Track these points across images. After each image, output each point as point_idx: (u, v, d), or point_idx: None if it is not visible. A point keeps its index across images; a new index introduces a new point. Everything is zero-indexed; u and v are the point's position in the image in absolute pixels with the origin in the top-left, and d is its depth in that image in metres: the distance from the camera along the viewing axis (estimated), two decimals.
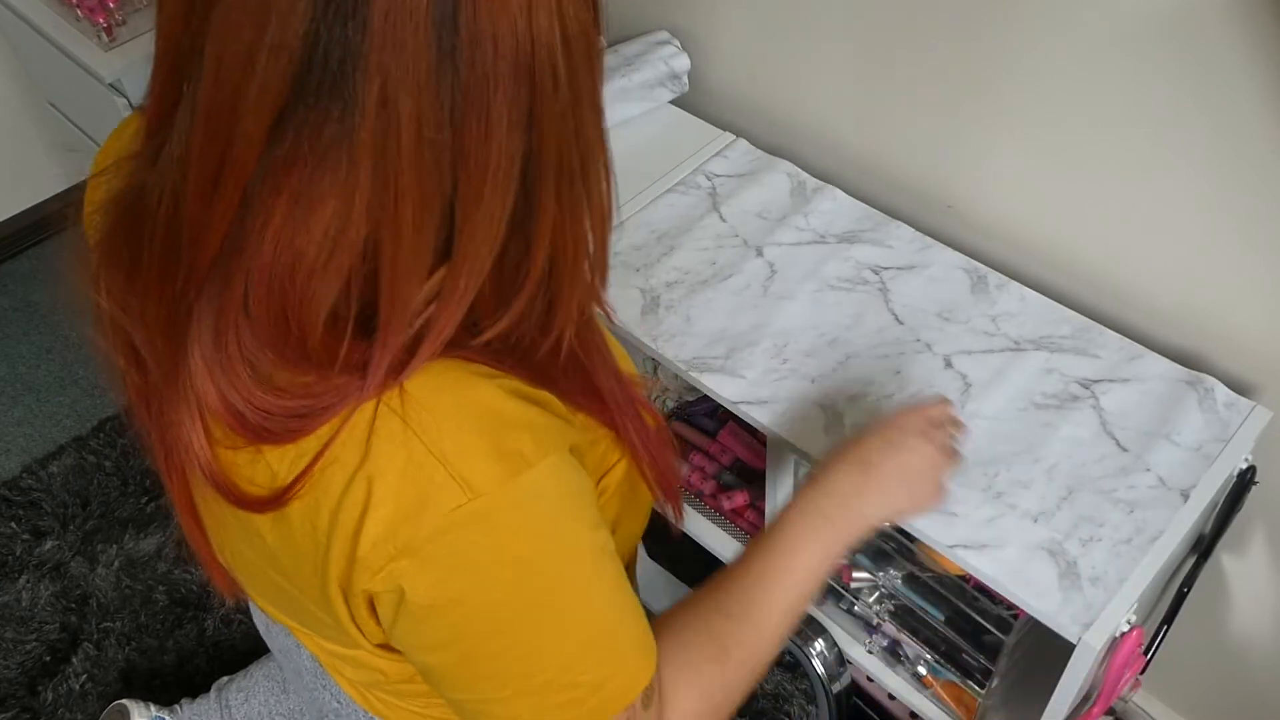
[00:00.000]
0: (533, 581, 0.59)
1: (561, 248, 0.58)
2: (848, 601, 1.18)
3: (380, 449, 0.55)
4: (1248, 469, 0.98)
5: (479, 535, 0.56)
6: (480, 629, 0.59)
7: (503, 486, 0.56)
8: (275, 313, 0.53)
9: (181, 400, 0.55)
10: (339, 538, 0.56)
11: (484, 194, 0.53)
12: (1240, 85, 0.88)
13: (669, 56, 1.37)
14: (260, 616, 0.97)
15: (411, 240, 0.52)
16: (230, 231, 0.52)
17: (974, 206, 1.17)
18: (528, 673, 0.60)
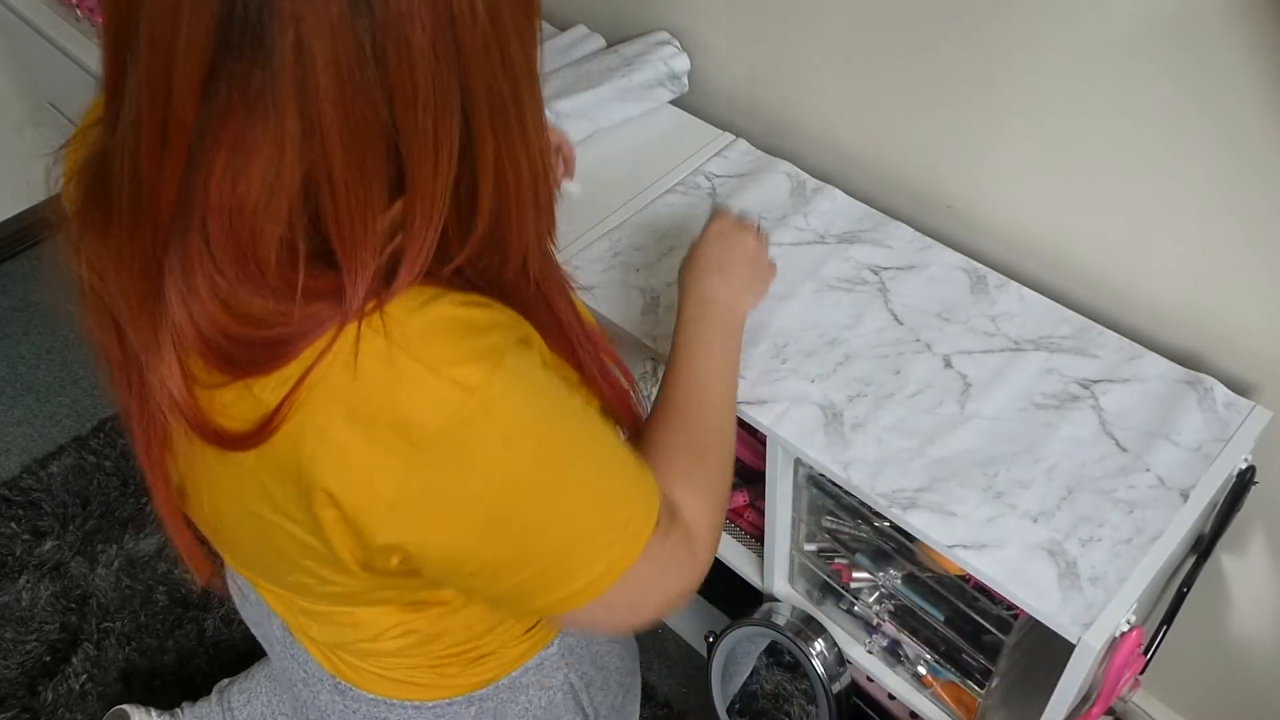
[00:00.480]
0: (540, 452, 0.63)
1: (504, 177, 0.61)
2: (848, 601, 1.18)
3: (369, 366, 0.58)
4: (1247, 469, 0.98)
5: (484, 425, 0.59)
6: (507, 512, 0.62)
7: (490, 379, 0.59)
8: (234, 254, 0.56)
9: (160, 345, 0.58)
10: (339, 457, 0.59)
11: (421, 127, 0.56)
12: (1240, 85, 0.88)
13: (668, 57, 1.37)
14: (237, 587, 0.98)
15: (350, 176, 0.55)
16: (181, 186, 0.55)
17: (974, 206, 1.17)
18: (556, 539, 0.64)
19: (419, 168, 0.57)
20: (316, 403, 0.58)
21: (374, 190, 0.56)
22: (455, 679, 0.85)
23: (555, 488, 0.64)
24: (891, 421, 1.01)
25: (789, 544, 1.18)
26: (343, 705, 0.88)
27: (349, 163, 0.55)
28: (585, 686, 0.93)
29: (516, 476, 0.62)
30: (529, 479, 0.62)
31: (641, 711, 1.60)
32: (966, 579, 1.02)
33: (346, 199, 0.56)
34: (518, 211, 0.63)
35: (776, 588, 1.24)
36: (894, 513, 0.95)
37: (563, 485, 0.64)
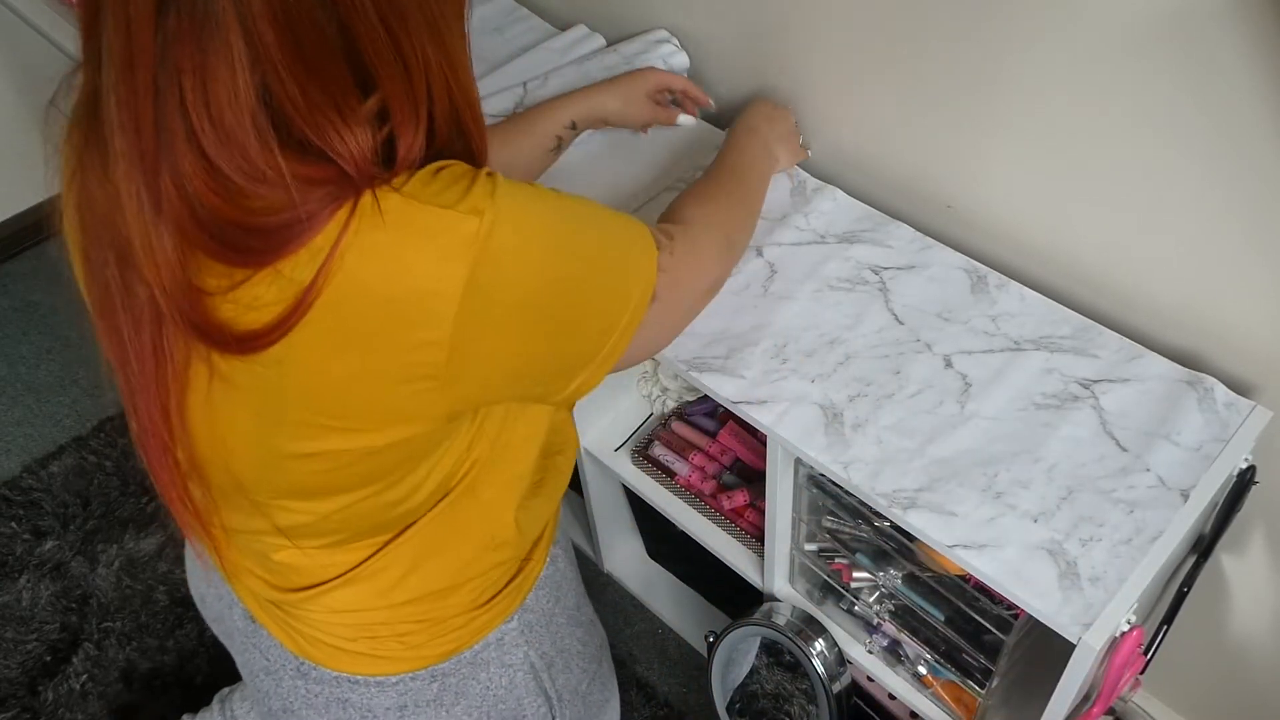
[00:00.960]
0: (559, 233, 0.70)
1: (455, 88, 0.68)
2: (848, 601, 1.18)
3: (395, 220, 0.63)
4: (1247, 469, 0.98)
5: (506, 233, 0.65)
6: (562, 285, 0.70)
7: (496, 197, 0.65)
8: (227, 162, 0.61)
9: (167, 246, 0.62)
10: (390, 311, 0.63)
11: (372, 29, 0.61)
12: (1240, 85, 0.88)
13: (668, 55, 1.37)
14: (197, 585, 1.00)
15: (304, 83, 0.60)
16: (156, 112, 0.59)
17: (974, 206, 1.17)
18: (590, 311, 0.73)
19: (384, 68, 0.63)
20: (352, 269, 0.62)
21: (334, 87, 0.62)
22: (419, 649, 0.86)
23: (587, 259, 0.72)
24: (891, 421, 1.01)
25: (789, 544, 1.18)
26: (305, 689, 0.88)
27: (298, 72, 0.60)
28: (546, 667, 0.94)
29: (545, 265, 0.68)
30: (557, 263, 0.69)
31: (642, 711, 1.60)
32: (966, 579, 1.02)
33: (306, 104, 0.61)
34: (473, 121, 0.70)
35: (777, 588, 1.24)
36: (894, 513, 0.95)
37: (584, 254, 0.72)
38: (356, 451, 0.69)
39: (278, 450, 0.70)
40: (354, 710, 0.88)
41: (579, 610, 1.00)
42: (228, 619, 0.95)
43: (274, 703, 0.93)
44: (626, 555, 1.72)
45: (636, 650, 1.68)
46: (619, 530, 1.68)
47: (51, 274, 2.33)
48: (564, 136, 1.20)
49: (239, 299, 0.64)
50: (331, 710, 0.88)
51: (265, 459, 0.71)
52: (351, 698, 0.87)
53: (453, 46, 0.68)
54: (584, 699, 1.00)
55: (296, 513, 0.75)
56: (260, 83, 0.59)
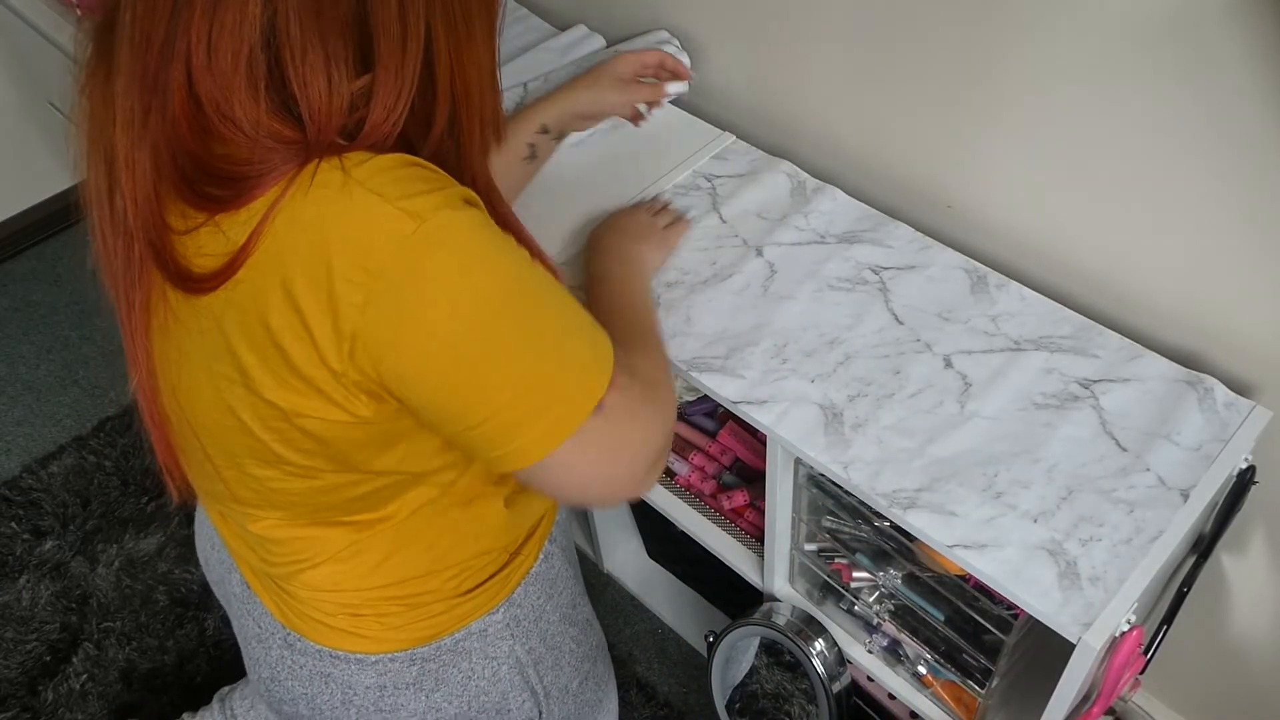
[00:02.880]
0: (499, 282, 0.66)
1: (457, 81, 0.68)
2: (848, 601, 1.18)
3: (325, 195, 0.62)
4: (1247, 469, 0.98)
5: (439, 251, 0.63)
6: (469, 334, 0.65)
7: (445, 213, 0.63)
8: (211, 93, 0.62)
9: (140, 170, 0.64)
10: (308, 290, 0.63)
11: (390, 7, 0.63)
12: (1241, 85, 0.88)
13: None
14: (203, 547, 1.01)
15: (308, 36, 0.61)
16: (167, 29, 0.61)
17: (974, 206, 1.17)
18: (521, 368, 0.67)
19: (385, 42, 0.64)
20: (280, 234, 0.63)
21: (335, 48, 0.62)
22: (399, 631, 0.86)
23: (515, 324, 0.67)
24: (891, 421, 1.01)
25: (789, 544, 1.18)
26: (291, 660, 0.90)
27: (305, 21, 0.61)
28: (534, 663, 0.94)
29: (475, 308, 0.64)
30: (488, 312, 0.65)
31: (642, 711, 1.60)
32: (966, 579, 1.02)
33: (303, 54, 0.62)
34: (467, 119, 0.70)
35: (777, 587, 1.24)
36: (894, 513, 0.95)
37: (523, 322, 0.67)
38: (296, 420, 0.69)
39: (227, 408, 0.71)
40: (335, 685, 0.89)
41: (574, 609, 1.00)
42: (227, 583, 0.97)
43: (263, 670, 0.94)
44: (626, 555, 1.72)
45: (636, 650, 1.68)
46: (619, 530, 1.68)
47: (51, 274, 2.33)
48: (537, 144, 1.17)
49: (188, 243, 0.66)
50: (314, 683, 0.89)
51: (217, 418, 0.72)
52: (333, 673, 0.88)
53: (471, 41, 0.68)
54: (575, 697, 1.00)
55: (251, 481, 0.76)
56: (268, 23, 0.61)
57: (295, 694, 0.91)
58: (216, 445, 0.75)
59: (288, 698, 0.92)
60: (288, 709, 0.94)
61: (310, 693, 0.90)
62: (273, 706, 0.97)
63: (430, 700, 0.89)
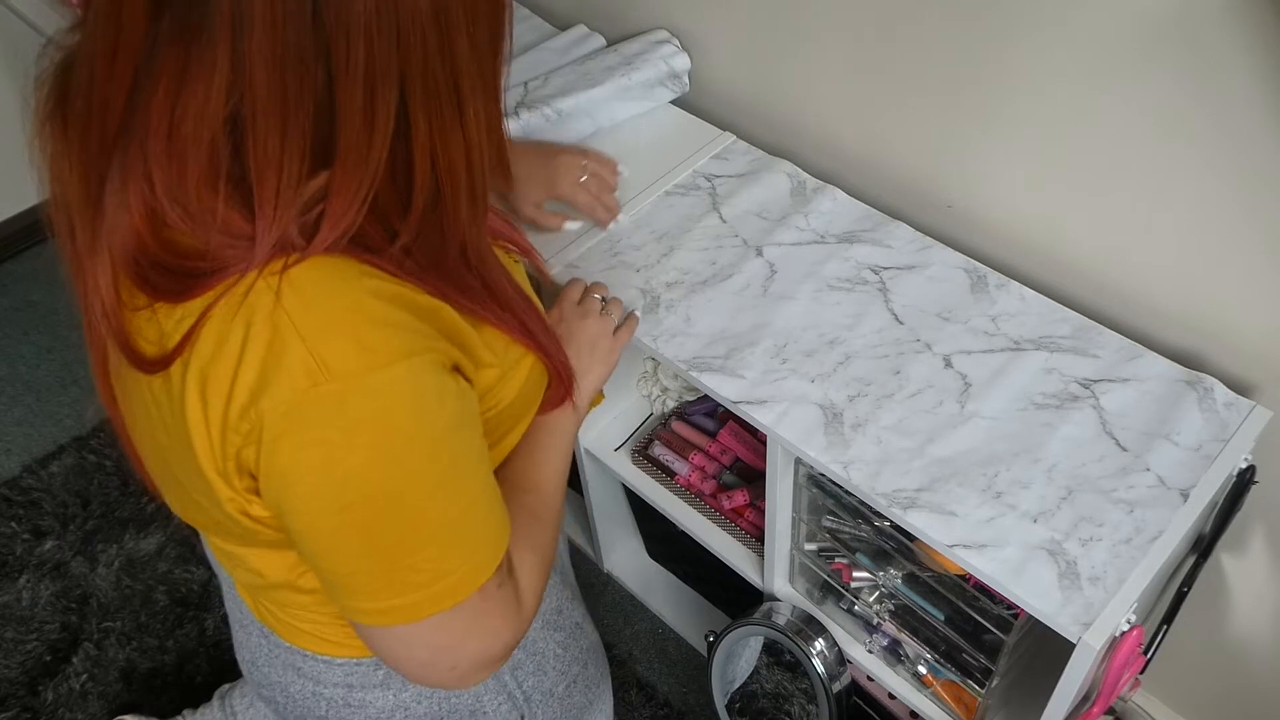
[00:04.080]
0: (381, 469, 0.63)
1: (439, 162, 0.63)
2: (848, 601, 1.18)
3: (251, 319, 0.60)
4: (1247, 469, 0.98)
5: (331, 414, 0.60)
6: (326, 505, 0.63)
7: (358, 374, 0.60)
8: (165, 175, 0.59)
9: (98, 257, 0.61)
10: (213, 398, 0.61)
11: (354, 95, 0.58)
12: (1241, 84, 0.88)
13: (668, 55, 1.37)
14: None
15: (270, 125, 0.57)
16: (127, 102, 0.58)
17: (974, 206, 1.17)
18: (370, 554, 0.65)
19: (349, 134, 0.59)
20: (202, 344, 0.61)
21: (294, 141, 0.58)
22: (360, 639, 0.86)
23: (370, 512, 0.63)
24: (891, 421, 1.01)
25: (789, 544, 1.18)
26: (267, 649, 0.91)
27: (271, 111, 0.57)
28: (511, 669, 0.94)
29: (349, 482, 0.62)
30: (362, 490, 0.62)
31: (642, 711, 1.60)
32: (966, 578, 1.02)
33: (265, 145, 0.58)
34: (452, 197, 0.65)
35: (777, 587, 1.24)
36: (894, 512, 0.95)
37: (398, 511, 0.64)
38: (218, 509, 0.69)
39: (166, 462, 0.70)
40: (305, 679, 0.89)
41: (559, 615, 1.00)
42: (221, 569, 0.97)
43: (245, 653, 0.96)
44: (626, 555, 1.72)
45: (636, 650, 1.68)
46: (619, 530, 1.68)
47: (51, 274, 2.33)
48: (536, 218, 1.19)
49: (132, 320, 0.64)
50: (287, 674, 0.90)
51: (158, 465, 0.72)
52: (303, 667, 0.88)
53: (459, 118, 0.63)
54: (561, 701, 1.00)
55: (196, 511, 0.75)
56: (232, 109, 0.57)
57: (271, 681, 0.92)
58: (165, 484, 0.76)
59: (266, 683, 0.93)
60: (266, 693, 0.95)
61: (284, 681, 0.91)
62: (256, 690, 0.98)
63: (399, 699, 0.89)
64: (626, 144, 1.34)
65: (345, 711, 0.90)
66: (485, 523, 0.70)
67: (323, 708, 0.90)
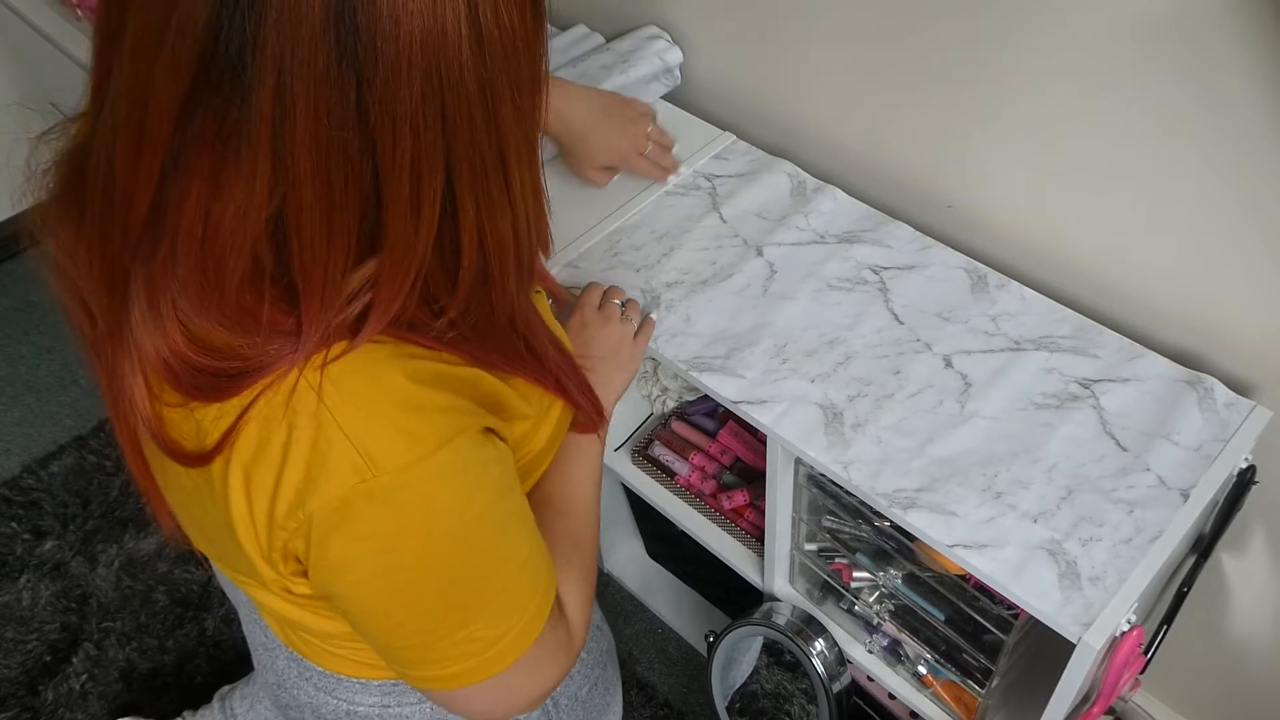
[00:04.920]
0: (432, 552, 0.63)
1: (486, 239, 0.61)
2: (848, 601, 1.18)
3: (294, 421, 0.59)
4: (1247, 469, 0.98)
5: (382, 509, 0.60)
6: (383, 590, 0.64)
7: (406, 467, 0.60)
8: (199, 279, 0.56)
9: (124, 354, 0.59)
10: (257, 495, 0.61)
11: (401, 185, 0.55)
12: (1241, 84, 0.88)
13: (661, 51, 1.37)
14: None
15: (316, 224, 0.55)
16: (155, 199, 0.55)
17: (974, 206, 1.17)
18: (425, 628, 0.66)
19: (397, 224, 0.57)
20: (243, 443, 0.60)
21: (340, 239, 0.56)
22: None
23: (426, 594, 0.65)
24: (891, 421, 1.01)
25: (789, 544, 1.18)
26: (297, 671, 0.90)
27: (318, 208, 0.54)
28: None
29: (401, 568, 0.63)
30: (415, 572, 0.63)
31: (642, 711, 1.60)
32: (967, 579, 1.02)
33: (311, 245, 0.55)
34: (500, 271, 0.63)
35: (777, 587, 1.24)
36: (894, 513, 0.95)
37: (437, 596, 0.65)
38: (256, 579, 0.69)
39: (211, 541, 0.70)
40: (339, 699, 0.89)
41: None
42: (239, 590, 0.96)
43: (270, 676, 0.95)
44: (626, 555, 1.72)
45: (636, 650, 1.68)
46: (619, 530, 1.68)
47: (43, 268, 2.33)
48: None
49: (166, 414, 0.62)
50: (319, 696, 0.90)
51: (205, 541, 0.72)
52: (337, 689, 0.88)
53: (506, 191, 0.61)
54: (584, 705, 1.00)
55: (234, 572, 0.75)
56: (275, 212, 0.55)
57: (301, 702, 0.91)
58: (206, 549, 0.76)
59: (294, 704, 0.92)
60: (294, 715, 0.94)
61: (315, 703, 0.90)
62: (280, 710, 0.97)
63: (436, 712, 0.89)
64: None
65: None
66: (535, 576, 0.71)
67: None
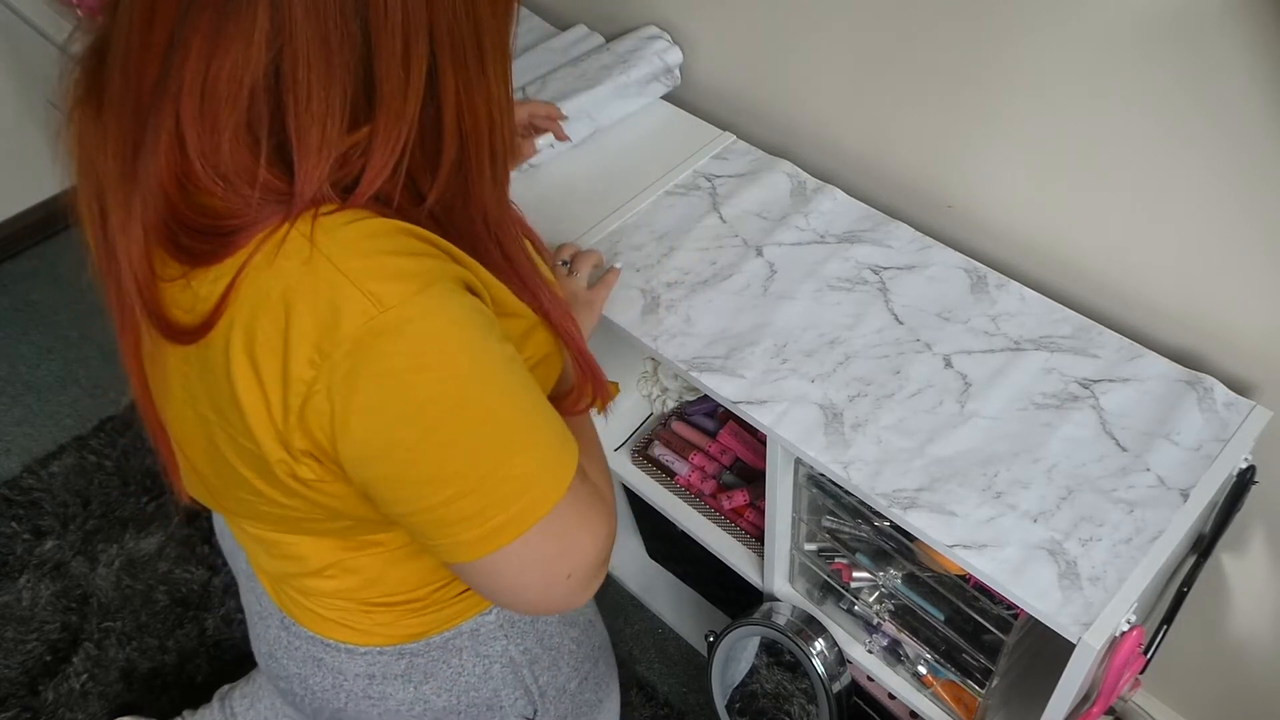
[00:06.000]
0: (453, 383, 0.63)
1: (464, 117, 0.64)
2: (848, 601, 1.18)
3: (288, 268, 0.60)
4: (1247, 469, 0.98)
5: (396, 343, 0.61)
6: (412, 432, 0.63)
7: (409, 300, 0.61)
8: (199, 137, 0.59)
9: (130, 221, 0.61)
10: (266, 358, 0.61)
11: (391, 45, 0.59)
12: (1241, 84, 0.88)
13: (661, 50, 1.37)
14: (219, 519, 1.01)
15: (313, 79, 0.58)
16: (161, 66, 0.58)
17: (974, 206, 1.17)
18: (464, 472, 0.65)
19: (388, 85, 0.60)
20: (244, 299, 0.61)
21: (335, 96, 0.59)
22: (387, 627, 0.87)
23: (470, 425, 0.64)
24: (891, 421, 1.01)
25: (789, 544, 1.18)
26: (287, 640, 0.91)
27: (314, 65, 0.58)
28: (529, 663, 0.94)
29: (424, 407, 0.63)
30: (441, 410, 0.63)
31: (642, 711, 1.60)
32: (966, 579, 1.02)
33: (307, 100, 0.58)
34: (476, 155, 0.66)
35: (777, 587, 1.24)
36: (894, 513, 0.95)
37: (479, 423, 0.65)
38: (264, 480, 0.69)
39: (210, 440, 0.70)
40: (326, 670, 0.90)
41: (576, 611, 1.00)
42: (236, 558, 0.98)
43: (262, 646, 0.96)
44: (626, 555, 1.72)
45: (636, 650, 1.68)
46: (619, 530, 1.68)
47: (51, 274, 2.33)
48: None
49: (166, 291, 0.64)
50: (307, 665, 0.91)
51: (203, 446, 0.72)
52: (324, 658, 0.89)
53: (483, 75, 0.65)
54: (573, 697, 1.00)
55: (237, 500, 0.75)
56: (272, 65, 0.58)
57: (290, 673, 0.92)
58: (205, 465, 0.75)
59: (283, 675, 0.94)
60: (283, 685, 0.95)
61: (303, 673, 0.91)
62: (273, 682, 0.98)
63: (419, 692, 0.90)
64: (627, 144, 1.34)
65: (364, 704, 0.90)
66: (553, 420, 0.70)
67: (342, 699, 0.91)
